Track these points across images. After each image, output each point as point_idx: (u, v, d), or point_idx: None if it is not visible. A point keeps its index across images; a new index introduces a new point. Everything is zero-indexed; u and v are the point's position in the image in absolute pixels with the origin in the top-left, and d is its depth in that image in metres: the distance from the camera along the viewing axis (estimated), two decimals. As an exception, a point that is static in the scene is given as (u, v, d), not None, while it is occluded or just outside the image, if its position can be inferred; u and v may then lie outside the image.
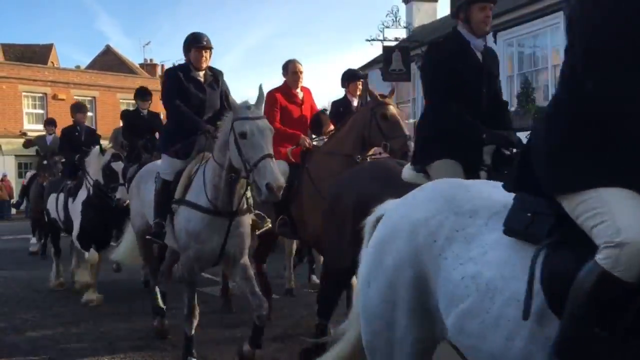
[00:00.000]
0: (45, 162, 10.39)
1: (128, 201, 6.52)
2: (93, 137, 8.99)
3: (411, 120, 6.75)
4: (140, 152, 8.09)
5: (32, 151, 12.52)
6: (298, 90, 6.31)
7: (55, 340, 5.82)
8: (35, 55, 33.00)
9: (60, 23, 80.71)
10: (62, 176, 8.74)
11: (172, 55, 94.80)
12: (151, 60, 40.46)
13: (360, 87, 7.29)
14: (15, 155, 25.86)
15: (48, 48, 35.04)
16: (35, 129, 21.78)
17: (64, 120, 17.50)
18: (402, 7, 24.41)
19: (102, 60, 36.33)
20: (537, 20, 17.27)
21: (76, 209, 7.36)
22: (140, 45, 75.03)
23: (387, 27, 22.26)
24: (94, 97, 29.95)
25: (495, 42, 18.58)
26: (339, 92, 7.57)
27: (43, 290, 8.33)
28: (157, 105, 9.06)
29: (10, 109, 27.96)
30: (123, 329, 6.12)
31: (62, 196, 7.84)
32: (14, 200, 20.13)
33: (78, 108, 9.34)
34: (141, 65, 39.00)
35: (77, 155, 7.92)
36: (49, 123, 11.87)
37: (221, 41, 60.81)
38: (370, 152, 5.65)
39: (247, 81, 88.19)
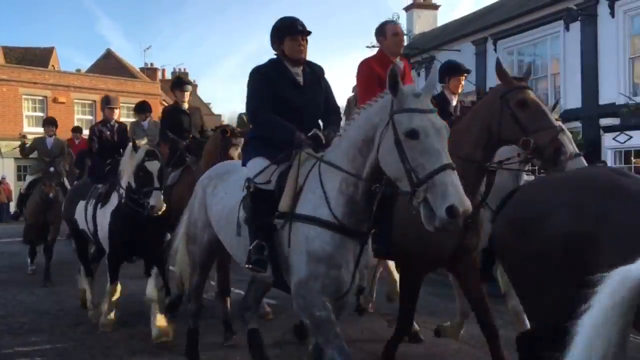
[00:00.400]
0: (52, 169, 9.24)
1: (164, 208, 5.65)
2: (126, 135, 7.56)
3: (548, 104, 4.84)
4: (184, 154, 7.04)
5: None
6: (398, 59, 5.00)
7: (52, 343, 5.81)
8: (36, 58, 33.00)
9: (61, 26, 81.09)
10: (88, 179, 7.38)
11: (173, 60, 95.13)
12: (152, 64, 40.65)
13: (463, 83, 5.87)
14: (15, 158, 25.81)
15: (49, 51, 35.04)
16: (35, 131, 21.72)
17: (64, 123, 17.42)
18: (403, 14, 24.55)
19: (102, 64, 36.33)
20: (537, 29, 17.33)
21: (104, 219, 6.13)
22: (141, 49, 75.38)
23: (388, 34, 22.34)
24: (94, 101, 29.90)
25: (495, 50, 18.65)
26: (341, 97, 6.81)
27: (40, 293, 8.33)
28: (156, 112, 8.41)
29: (10, 112, 27.94)
30: (120, 334, 6.10)
31: (91, 204, 6.54)
32: (12, 203, 20.04)
33: (106, 102, 7.63)
34: (142, 69, 39.08)
35: (110, 159, 6.81)
36: (49, 123, 10.08)
37: (221, 46, 61.10)
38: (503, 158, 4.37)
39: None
